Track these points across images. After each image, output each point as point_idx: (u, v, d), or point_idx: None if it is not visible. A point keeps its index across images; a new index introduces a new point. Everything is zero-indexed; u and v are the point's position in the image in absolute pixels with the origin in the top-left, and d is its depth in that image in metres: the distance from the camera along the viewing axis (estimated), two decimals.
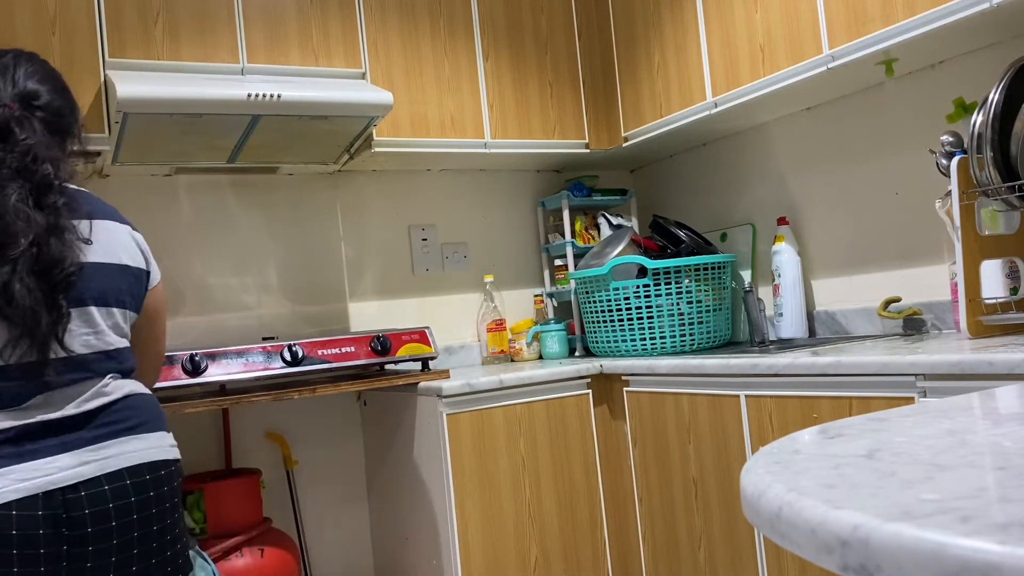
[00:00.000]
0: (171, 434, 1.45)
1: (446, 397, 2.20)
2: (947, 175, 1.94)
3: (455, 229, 3.05)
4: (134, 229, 1.51)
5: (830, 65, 2.10)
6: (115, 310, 1.42)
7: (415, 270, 2.96)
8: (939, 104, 2.21)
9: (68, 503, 1.29)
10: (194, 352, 2.15)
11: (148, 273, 1.51)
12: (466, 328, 3.01)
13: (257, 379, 2.27)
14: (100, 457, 1.33)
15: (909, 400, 1.63)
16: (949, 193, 1.94)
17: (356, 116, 2.37)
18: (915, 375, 1.61)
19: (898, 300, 2.28)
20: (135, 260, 1.47)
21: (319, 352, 2.28)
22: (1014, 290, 1.85)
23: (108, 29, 2.24)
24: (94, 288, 1.38)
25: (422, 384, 2.29)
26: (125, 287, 1.44)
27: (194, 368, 2.13)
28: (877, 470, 0.63)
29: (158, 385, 2.09)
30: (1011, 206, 1.78)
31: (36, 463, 1.28)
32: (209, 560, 2.15)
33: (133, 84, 2.09)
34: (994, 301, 1.82)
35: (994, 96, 1.75)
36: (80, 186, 1.50)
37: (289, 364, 2.24)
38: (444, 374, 2.39)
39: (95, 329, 1.39)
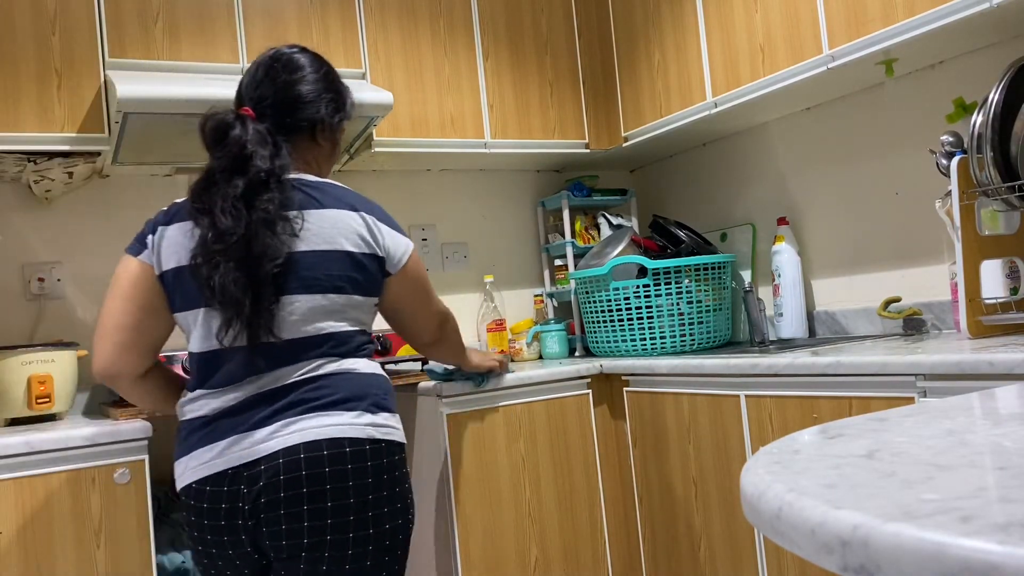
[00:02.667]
0: (386, 413, 1.46)
1: (446, 397, 2.20)
2: (947, 175, 1.94)
3: (455, 229, 3.05)
4: (369, 213, 1.51)
5: (830, 65, 2.10)
6: (331, 295, 1.45)
7: None
8: (939, 104, 2.21)
9: (248, 479, 1.37)
10: None
11: (381, 258, 1.51)
12: (466, 328, 3.01)
13: None
14: (283, 433, 1.39)
15: (909, 400, 1.63)
16: (949, 193, 1.94)
17: (356, 116, 2.37)
18: (915, 375, 1.61)
19: (898, 300, 2.28)
20: (359, 247, 1.48)
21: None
22: (1014, 290, 1.85)
23: (108, 29, 2.24)
24: (305, 276, 1.43)
25: (422, 384, 2.29)
26: (342, 272, 1.46)
27: None
28: (877, 470, 0.63)
29: None
30: (1011, 206, 1.78)
31: (235, 439, 1.39)
32: None
33: (133, 84, 2.09)
34: (994, 301, 1.82)
35: (994, 96, 1.75)
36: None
37: None
38: None
39: (303, 315, 1.43)
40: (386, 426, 1.45)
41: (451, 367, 2.15)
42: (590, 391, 2.43)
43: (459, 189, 3.06)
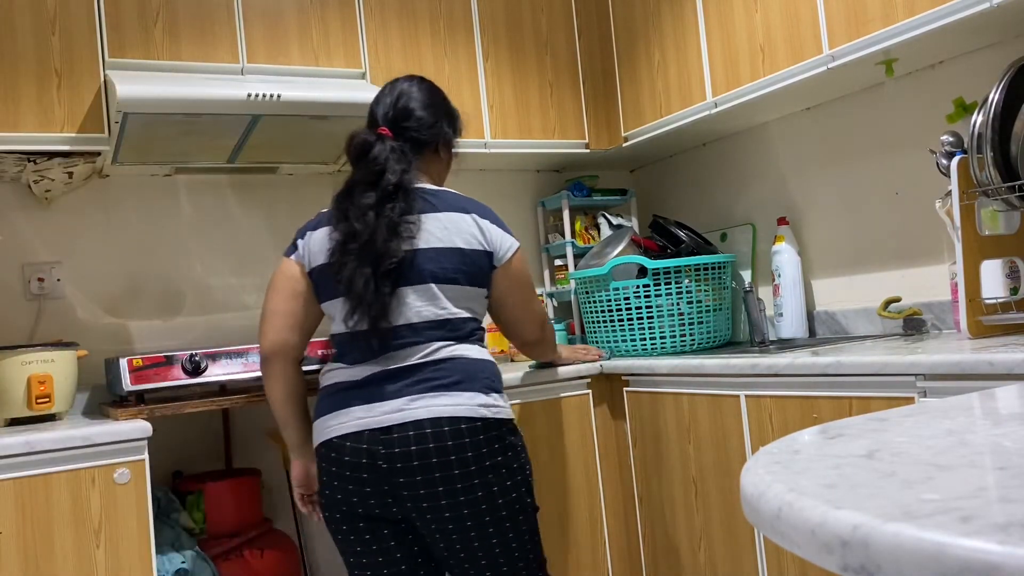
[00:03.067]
0: (495, 394, 1.70)
1: None
2: (947, 175, 1.94)
3: None
4: (478, 214, 1.76)
5: (830, 65, 2.10)
6: (445, 286, 1.70)
7: None
8: (939, 104, 2.21)
9: (383, 442, 1.62)
10: (194, 352, 2.15)
11: (489, 253, 1.76)
12: None
13: (257, 379, 2.27)
14: (411, 407, 1.63)
15: (909, 400, 1.63)
16: (949, 193, 1.94)
17: (356, 116, 2.37)
18: (915, 375, 1.61)
19: (898, 300, 2.28)
20: (470, 243, 1.73)
21: (319, 352, 2.28)
22: (1014, 290, 1.85)
23: (108, 29, 2.24)
24: (423, 270, 1.69)
25: None
26: (455, 265, 1.71)
27: (194, 368, 2.13)
28: (877, 470, 0.63)
29: (159, 384, 2.09)
30: (1011, 206, 1.78)
31: (368, 406, 1.65)
32: (209, 560, 2.16)
33: (133, 84, 2.09)
34: (994, 301, 1.82)
35: (994, 96, 1.75)
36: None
37: None
38: None
39: (418, 305, 1.69)
40: (495, 405, 1.68)
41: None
42: (590, 391, 2.43)
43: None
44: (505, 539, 1.69)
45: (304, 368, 1.88)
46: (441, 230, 1.72)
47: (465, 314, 1.74)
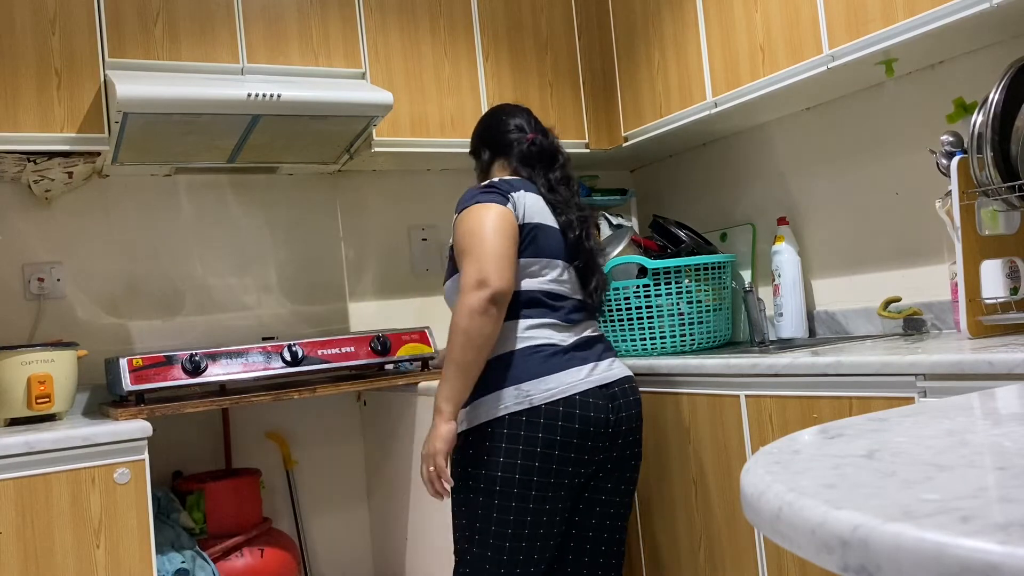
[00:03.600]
0: None
1: None
2: (947, 175, 1.94)
3: None
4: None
5: (830, 65, 2.10)
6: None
7: (415, 270, 2.96)
8: (939, 104, 2.21)
9: (612, 395, 1.80)
10: (194, 352, 2.15)
11: None
12: None
13: (257, 379, 2.27)
14: (614, 369, 1.85)
15: (909, 400, 1.63)
16: (949, 193, 1.94)
17: (356, 116, 2.37)
18: (915, 375, 1.61)
19: (898, 300, 2.28)
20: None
21: (319, 352, 2.28)
22: (1014, 290, 1.85)
23: (108, 29, 2.24)
24: (591, 263, 1.95)
25: (422, 384, 2.29)
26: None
27: (194, 368, 2.14)
28: (877, 470, 0.63)
29: (159, 384, 2.10)
30: (1011, 206, 1.78)
31: (592, 364, 1.81)
32: (209, 560, 2.16)
33: (133, 84, 2.09)
34: (994, 301, 1.82)
35: (994, 96, 1.75)
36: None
37: (289, 364, 2.24)
38: None
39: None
40: None
41: None
42: None
43: (459, 189, 3.06)
44: (631, 499, 1.93)
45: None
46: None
47: None
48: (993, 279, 1.84)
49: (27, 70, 2.16)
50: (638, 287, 2.53)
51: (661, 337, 2.52)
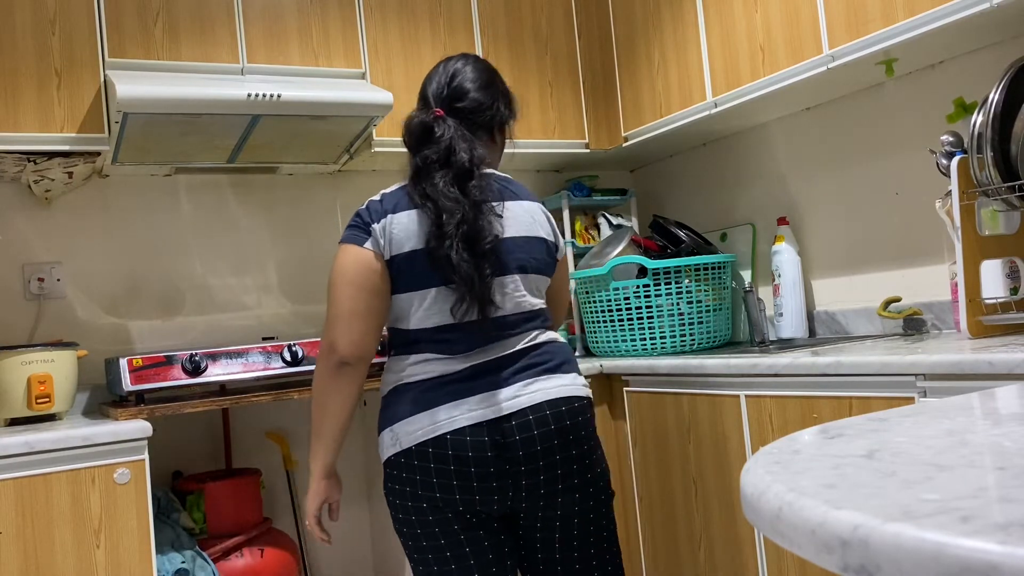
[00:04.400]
0: (582, 376, 1.69)
1: None
2: (947, 175, 1.94)
3: None
4: (544, 205, 1.76)
5: (830, 65, 2.10)
6: (532, 276, 1.66)
7: None
8: (939, 104, 2.21)
9: (504, 431, 1.55)
10: (194, 352, 2.15)
11: (556, 245, 1.75)
12: None
13: (257, 379, 2.27)
14: (527, 392, 1.58)
15: (909, 400, 1.63)
16: (949, 193, 1.94)
17: (356, 116, 2.37)
18: (915, 375, 1.61)
19: (898, 300, 2.28)
20: (547, 233, 1.71)
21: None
22: (1014, 290, 1.85)
23: (108, 29, 2.24)
24: (517, 258, 1.63)
25: None
26: (539, 256, 1.68)
27: (194, 368, 2.13)
28: (877, 470, 0.63)
29: (159, 384, 2.10)
30: (1011, 206, 1.78)
31: (481, 396, 1.56)
32: (209, 560, 2.16)
33: (133, 84, 2.09)
34: (994, 301, 1.82)
35: (994, 96, 1.75)
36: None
37: (289, 364, 2.24)
38: None
39: (519, 293, 1.64)
40: (587, 386, 1.68)
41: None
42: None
43: None
44: (605, 520, 1.67)
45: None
46: (523, 218, 1.66)
47: (544, 303, 1.71)
48: (993, 279, 1.84)
49: (27, 70, 2.16)
50: (638, 287, 2.53)
51: (661, 337, 2.52)
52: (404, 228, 1.59)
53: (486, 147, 1.71)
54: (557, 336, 1.71)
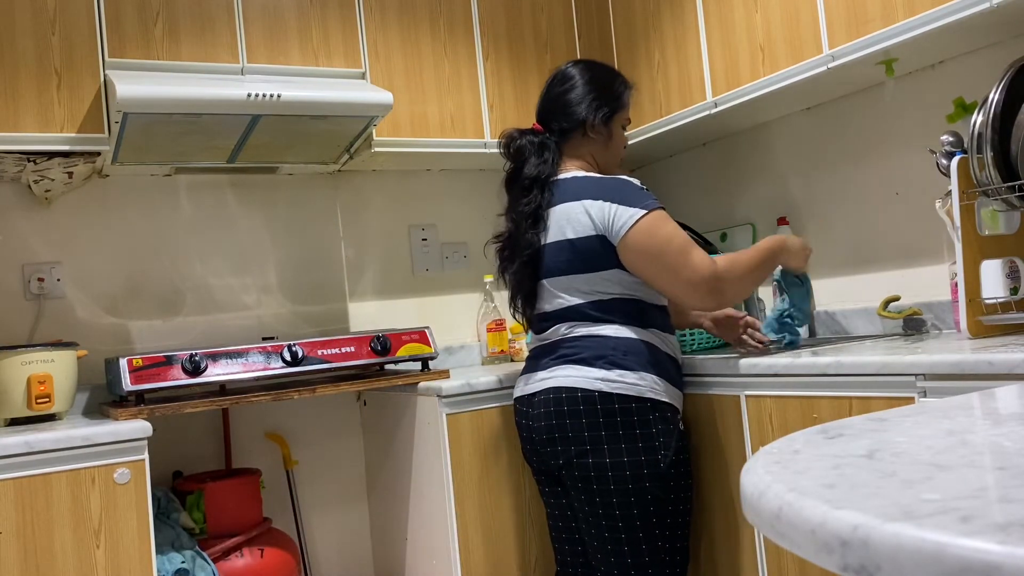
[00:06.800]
0: (616, 371, 1.80)
1: (446, 397, 2.20)
2: (947, 175, 1.94)
3: (455, 229, 3.05)
4: (591, 199, 1.84)
5: (830, 65, 2.10)
6: (560, 278, 1.87)
7: (415, 270, 2.96)
8: (939, 104, 2.21)
9: (527, 409, 1.92)
10: (194, 352, 2.15)
11: (601, 235, 1.82)
12: (466, 328, 3.01)
13: (257, 379, 2.27)
14: (545, 378, 1.87)
15: (909, 400, 1.63)
16: (949, 193, 1.94)
17: (356, 116, 2.37)
18: (915, 375, 1.61)
19: (898, 300, 2.28)
20: (579, 232, 1.83)
21: (319, 352, 2.28)
22: (1014, 290, 1.85)
23: (108, 29, 2.24)
24: (548, 264, 1.88)
25: (422, 384, 2.29)
26: (567, 258, 1.85)
27: (194, 368, 2.13)
28: (877, 470, 0.63)
29: (159, 384, 2.09)
30: (1011, 206, 1.78)
31: (527, 376, 1.95)
32: (209, 560, 2.16)
33: (133, 84, 2.09)
34: (994, 301, 1.82)
35: (994, 96, 1.75)
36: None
37: (289, 364, 2.24)
38: (444, 374, 2.39)
39: (552, 294, 1.90)
40: (618, 381, 1.79)
41: (781, 331, 2.13)
42: None
43: (459, 189, 3.06)
44: (613, 520, 1.80)
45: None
46: (558, 223, 1.86)
47: (594, 298, 1.85)
48: (993, 279, 1.84)
49: (27, 70, 2.16)
50: None
51: None
52: None
53: (580, 148, 1.96)
54: (604, 331, 1.84)
